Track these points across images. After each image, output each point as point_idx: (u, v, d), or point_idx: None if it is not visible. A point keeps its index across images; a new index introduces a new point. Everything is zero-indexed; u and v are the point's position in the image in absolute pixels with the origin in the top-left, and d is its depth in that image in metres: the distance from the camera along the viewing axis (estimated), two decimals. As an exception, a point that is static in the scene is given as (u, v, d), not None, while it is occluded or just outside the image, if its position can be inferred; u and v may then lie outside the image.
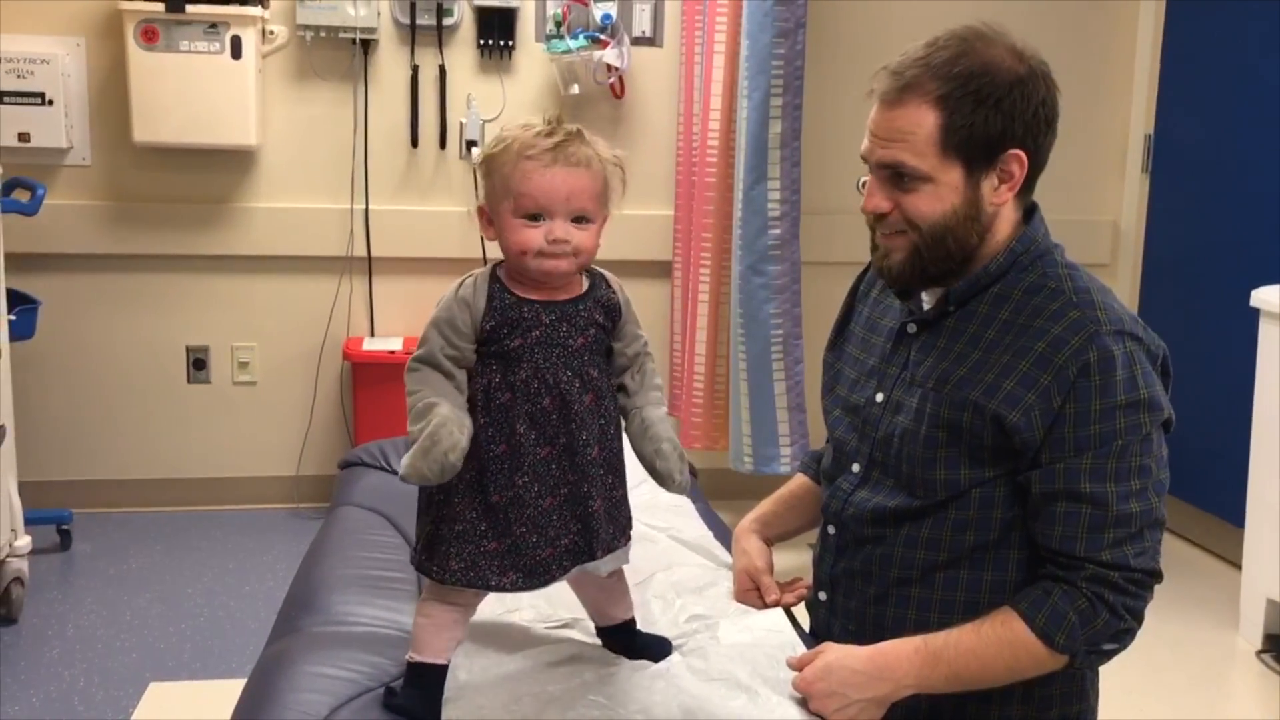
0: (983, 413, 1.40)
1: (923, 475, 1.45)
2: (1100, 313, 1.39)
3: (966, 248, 1.42)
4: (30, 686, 2.59)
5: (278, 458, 3.75)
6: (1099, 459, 1.36)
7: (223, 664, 2.73)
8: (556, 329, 1.29)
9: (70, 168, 3.52)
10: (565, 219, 1.27)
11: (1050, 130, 1.43)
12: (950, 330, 1.47)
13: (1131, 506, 1.36)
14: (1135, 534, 1.37)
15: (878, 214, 1.44)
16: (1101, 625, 1.36)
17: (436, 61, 3.62)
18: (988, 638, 1.38)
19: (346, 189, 3.64)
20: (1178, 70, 3.86)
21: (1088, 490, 1.36)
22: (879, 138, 1.41)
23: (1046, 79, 1.41)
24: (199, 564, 3.31)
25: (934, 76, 1.37)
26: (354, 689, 1.35)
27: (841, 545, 1.56)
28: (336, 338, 3.72)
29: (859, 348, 1.61)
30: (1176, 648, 2.98)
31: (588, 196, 1.28)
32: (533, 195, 1.26)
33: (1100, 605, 1.36)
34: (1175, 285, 3.86)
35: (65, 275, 3.55)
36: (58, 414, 3.63)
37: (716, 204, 3.44)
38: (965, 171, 1.39)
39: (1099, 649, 1.39)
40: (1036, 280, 1.43)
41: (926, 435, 1.44)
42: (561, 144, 1.27)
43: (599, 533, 1.31)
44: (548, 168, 1.26)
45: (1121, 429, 1.36)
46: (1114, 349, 1.36)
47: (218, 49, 3.36)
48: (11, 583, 2.88)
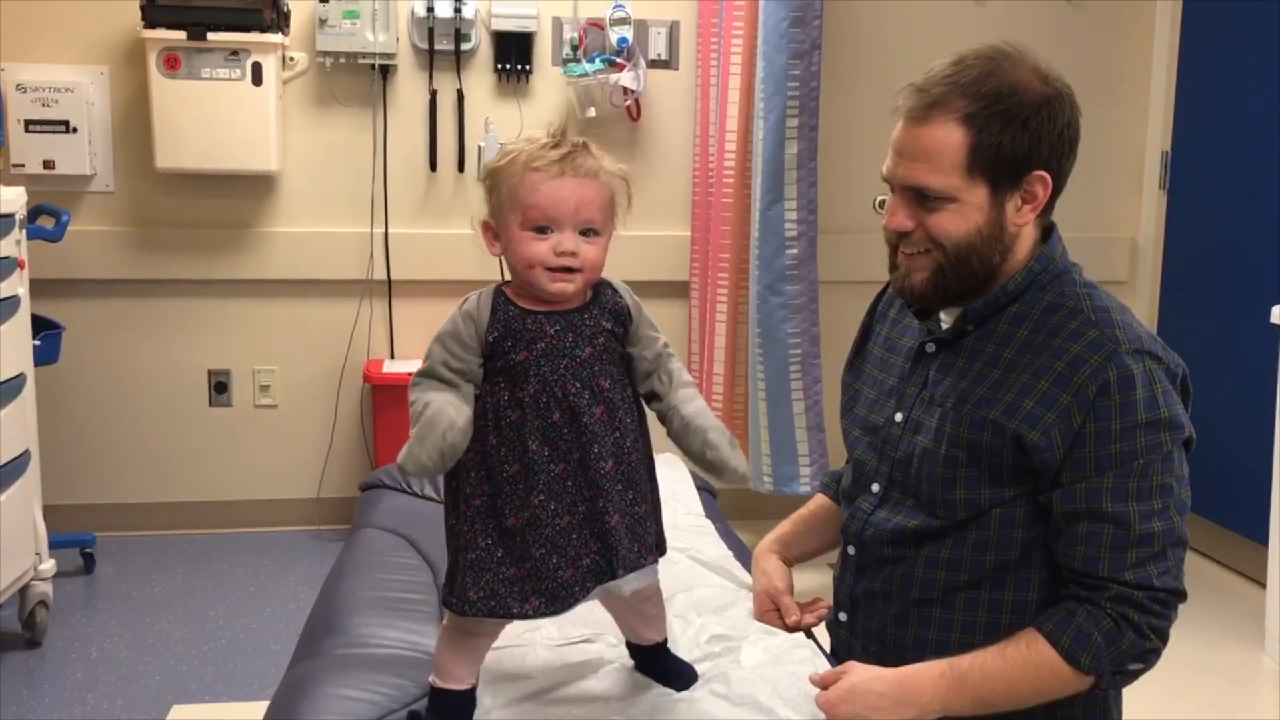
0: (1002, 432, 1.39)
1: (943, 495, 1.44)
2: (1119, 331, 1.39)
3: (990, 267, 1.42)
4: (54, 709, 2.61)
5: (299, 480, 3.77)
6: (1120, 478, 1.35)
7: (245, 687, 2.74)
8: (563, 339, 1.26)
9: (94, 194, 3.56)
10: (574, 230, 1.26)
11: (1072, 152, 1.43)
12: (969, 350, 1.46)
13: (1154, 526, 1.35)
14: (1159, 553, 1.36)
15: (900, 232, 1.43)
16: (1127, 645, 1.35)
17: (455, 86, 3.65)
18: (1013, 660, 1.37)
19: (366, 213, 3.67)
20: (1194, 87, 3.86)
21: (1110, 510, 1.35)
22: (904, 155, 1.40)
23: (1070, 101, 1.41)
24: (221, 587, 3.33)
25: (962, 94, 1.37)
26: (376, 711, 1.35)
27: (862, 566, 1.55)
28: (357, 360, 3.74)
29: (878, 368, 1.61)
30: (1201, 667, 2.95)
31: (596, 207, 1.27)
32: (541, 206, 1.25)
33: (1125, 625, 1.35)
34: (1194, 302, 3.84)
35: (89, 300, 3.59)
36: (81, 438, 3.66)
37: (733, 224, 3.46)
38: (990, 191, 1.39)
39: (1125, 669, 1.38)
40: (1054, 299, 1.43)
41: (946, 455, 1.44)
42: (569, 155, 1.25)
43: (619, 549, 1.25)
44: (555, 179, 1.24)
45: (1142, 448, 1.35)
46: (1133, 367, 1.36)
47: (239, 76, 3.40)
48: (36, 606, 2.90)
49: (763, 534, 1.81)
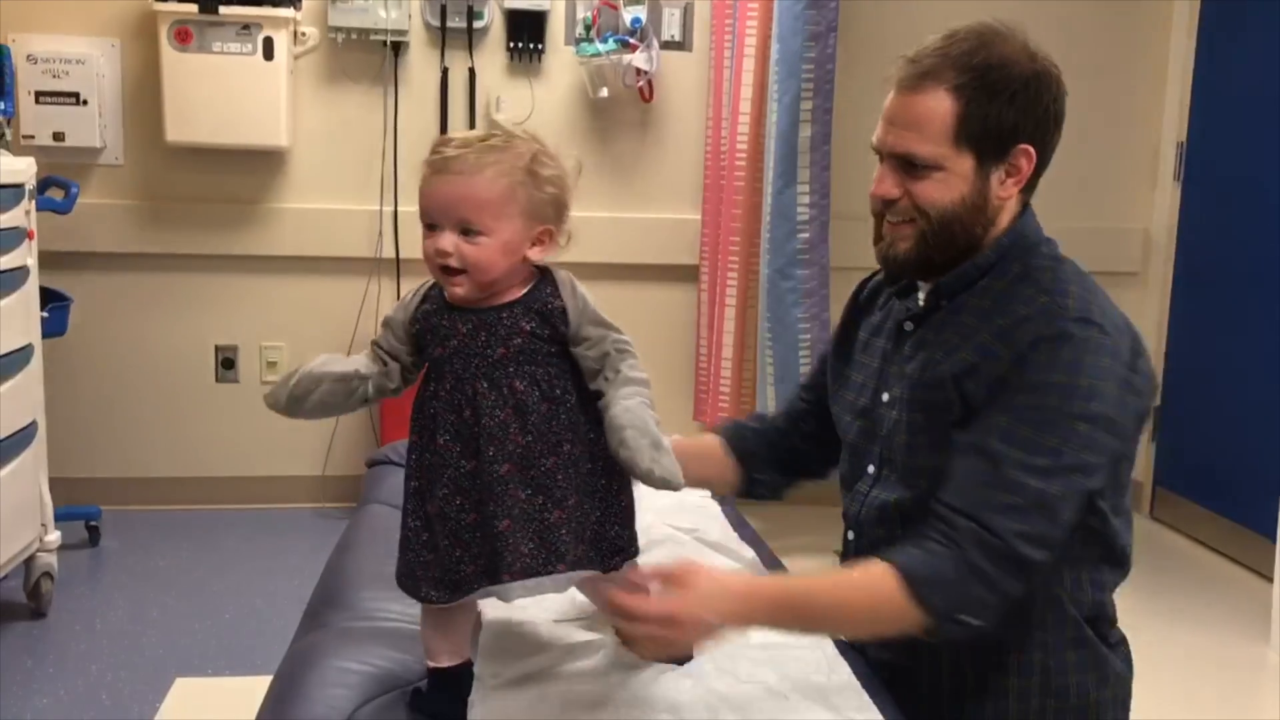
0: (945, 386, 1.41)
1: (910, 462, 1.46)
2: (1070, 300, 1.39)
3: (971, 237, 1.44)
4: (58, 680, 2.61)
5: (305, 457, 3.76)
6: (1016, 423, 1.34)
7: (248, 661, 2.74)
8: (475, 338, 1.23)
9: (103, 167, 3.55)
10: (452, 230, 1.21)
11: (1058, 130, 1.45)
12: (939, 323, 1.48)
13: (1030, 481, 1.31)
14: (1021, 509, 1.31)
15: (886, 200, 1.45)
16: (973, 596, 1.31)
17: (466, 64, 3.64)
18: (857, 590, 1.34)
19: (376, 190, 3.66)
20: (1211, 78, 3.83)
21: (993, 447, 1.34)
22: (894, 124, 1.43)
23: (1057, 80, 1.43)
24: (225, 562, 3.33)
25: (952, 66, 1.39)
26: (381, 685, 1.35)
27: (861, 550, 1.55)
28: (364, 338, 3.73)
29: (865, 353, 1.62)
30: (1207, 660, 2.95)
31: (472, 206, 1.20)
32: (423, 203, 1.23)
33: (973, 573, 1.31)
34: (1206, 295, 3.82)
35: (97, 273, 3.59)
36: (88, 411, 3.66)
37: (745, 208, 3.44)
38: (976, 162, 1.41)
39: (958, 618, 1.32)
40: (1020, 272, 1.45)
41: (909, 421, 1.46)
42: (461, 149, 1.21)
43: (504, 555, 1.20)
44: (435, 175, 1.22)
45: (1048, 405, 1.33)
46: (1071, 330, 1.36)
47: (250, 50, 3.39)
48: (41, 577, 2.91)
49: (769, 519, 1.81)
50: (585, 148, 3.74)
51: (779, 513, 2.88)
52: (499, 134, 1.24)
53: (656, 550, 1.81)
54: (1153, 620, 3.17)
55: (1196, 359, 3.78)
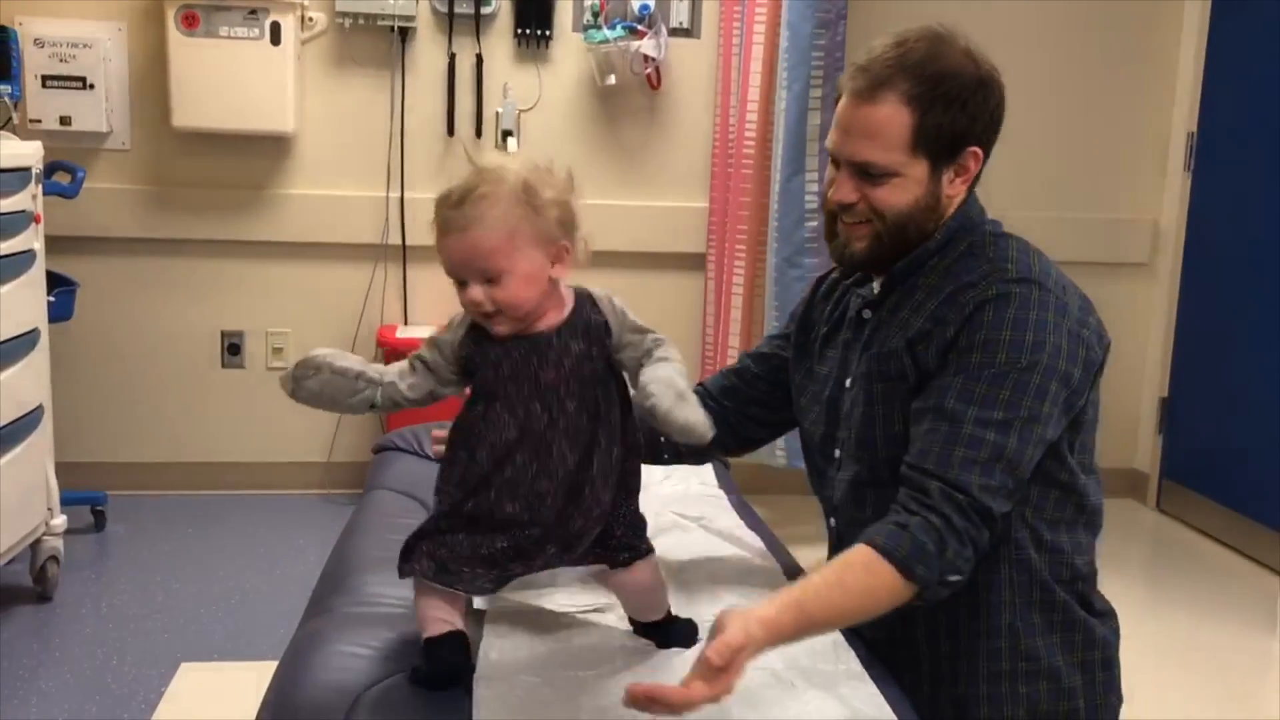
0: (899, 355, 1.47)
1: (864, 434, 1.51)
2: (1010, 263, 1.46)
3: (924, 234, 1.51)
4: (64, 664, 2.61)
5: (310, 444, 3.76)
6: (969, 381, 1.40)
7: (253, 646, 2.74)
8: (527, 363, 1.29)
9: (110, 151, 3.55)
10: (476, 281, 1.27)
11: (998, 129, 1.51)
12: (893, 305, 1.53)
13: (988, 435, 1.36)
14: (984, 462, 1.36)
15: (844, 204, 1.50)
16: (951, 554, 1.34)
17: (474, 50, 3.62)
18: (850, 582, 1.34)
19: (382, 177, 3.65)
20: (1222, 67, 3.81)
21: (950, 406, 1.39)
22: (850, 132, 1.47)
23: (999, 84, 1.49)
24: (231, 547, 3.33)
25: (907, 76, 1.44)
26: (386, 668, 1.35)
27: (840, 534, 1.59)
28: (370, 325, 3.73)
29: (828, 346, 1.65)
30: (1214, 653, 2.94)
31: (484, 255, 1.26)
32: (443, 263, 1.30)
33: (949, 532, 1.34)
34: (1216, 286, 3.80)
35: (103, 258, 3.58)
36: (94, 396, 3.66)
37: (753, 196, 3.43)
38: (930, 166, 1.47)
39: (946, 580, 1.35)
40: (966, 248, 1.51)
41: (864, 394, 1.51)
42: (457, 207, 1.26)
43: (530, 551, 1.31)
44: (444, 237, 1.28)
45: (1000, 361, 1.39)
46: (1014, 289, 1.42)
47: (257, 35, 3.38)
48: (47, 561, 2.91)
49: (777, 508, 1.82)
50: (592, 135, 3.73)
51: (784, 501, 2.88)
52: (487, 174, 1.28)
53: (663, 538, 1.80)
54: (1159, 613, 3.17)
55: (1205, 351, 3.77)
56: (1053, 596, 1.49)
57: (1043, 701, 1.48)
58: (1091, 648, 1.51)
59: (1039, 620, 1.48)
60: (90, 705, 2.44)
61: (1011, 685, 1.48)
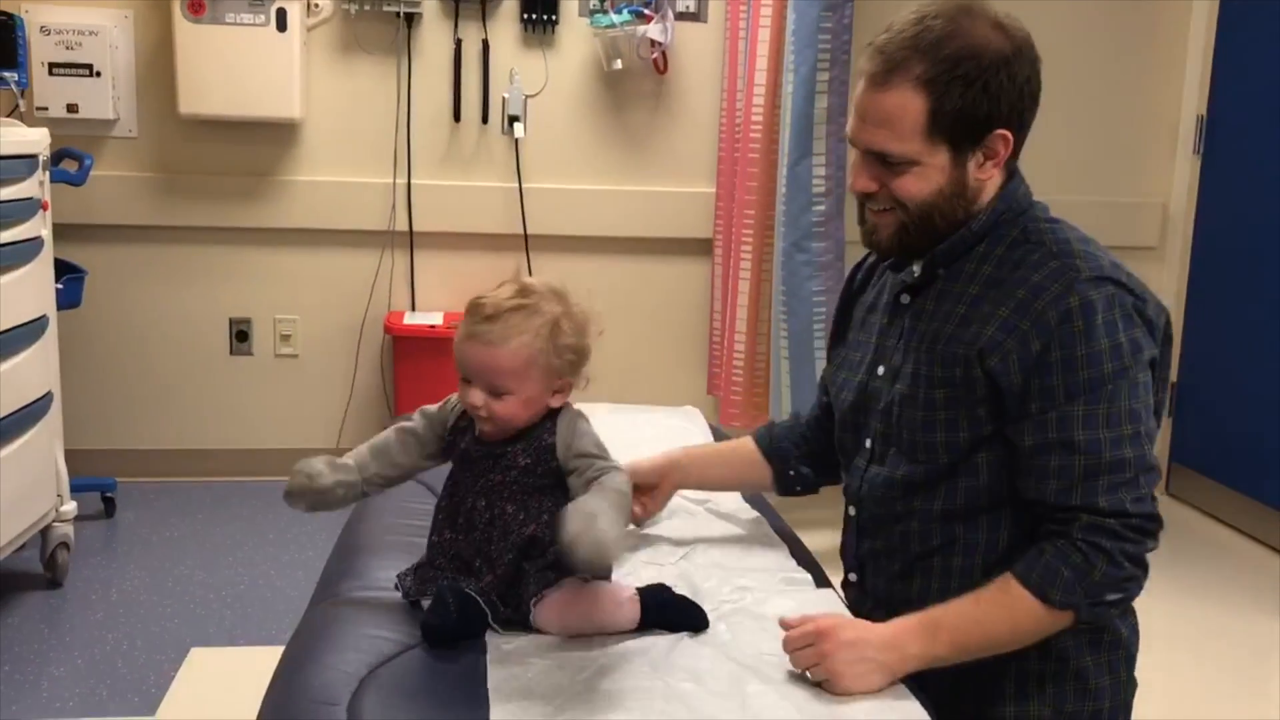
0: (970, 363, 1.41)
1: (923, 439, 1.45)
2: (1079, 260, 1.39)
3: (953, 223, 1.44)
4: (74, 649, 2.63)
5: (319, 430, 3.77)
6: (1090, 405, 1.35)
7: (262, 631, 2.75)
8: (480, 463, 1.43)
9: (117, 139, 3.55)
10: (482, 389, 1.39)
11: (1035, 104, 1.42)
12: (938, 292, 1.48)
13: (1126, 452, 1.35)
14: (1131, 480, 1.35)
15: (865, 193, 1.45)
16: (1100, 576, 1.34)
17: (480, 35, 3.62)
18: (986, 602, 1.37)
19: (389, 163, 3.65)
20: (1233, 49, 3.79)
21: (1082, 438, 1.35)
22: (866, 120, 1.41)
23: (1030, 54, 1.40)
24: (240, 533, 3.35)
25: (922, 58, 1.36)
26: (393, 648, 1.36)
27: (862, 526, 1.57)
28: (378, 311, 3.73)
29: (860, 331, 1.62)
30: (1222, 635, 2.94)
31: (497, 374, 1.38)
32: (457, 358, 1.40)
33: (1097, 555, 1.34)
34: (1225, 269, 3.78)
35: (111, 245, 3.59)
36: (103, 383, 3.67)
37: (759, 180, 3.42)
38: (952, 153, 1.40)
39: (1102, 600, 1.35)
40: (1018, 236, 1.44)
41: (925, 397, 1.45)
42: (490, 321, 1.37)
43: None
44: (465, 341, 1.39)
45: (1109, 373, 1.35)
46: (1093, 294, 1.36)
47: (263, 21, 3.37)
48: (57, 547, 2.92)
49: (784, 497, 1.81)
50: (599, 120, 3.72)
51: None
52: (528, 299, 1.39)
53: (668, 521, 1.81)
54: (1169, 596, 3.16)
55: (1215, 334, 3.75)
56: None
57: (1069, 702, 1.46)
58: (1117, 647, 1.49)
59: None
60: (101, 689, 2.46)
61: (1039, 685, 1.45)
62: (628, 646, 1.38)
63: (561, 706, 1.24)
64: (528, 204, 3.66)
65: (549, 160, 3.70)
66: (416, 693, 1.28)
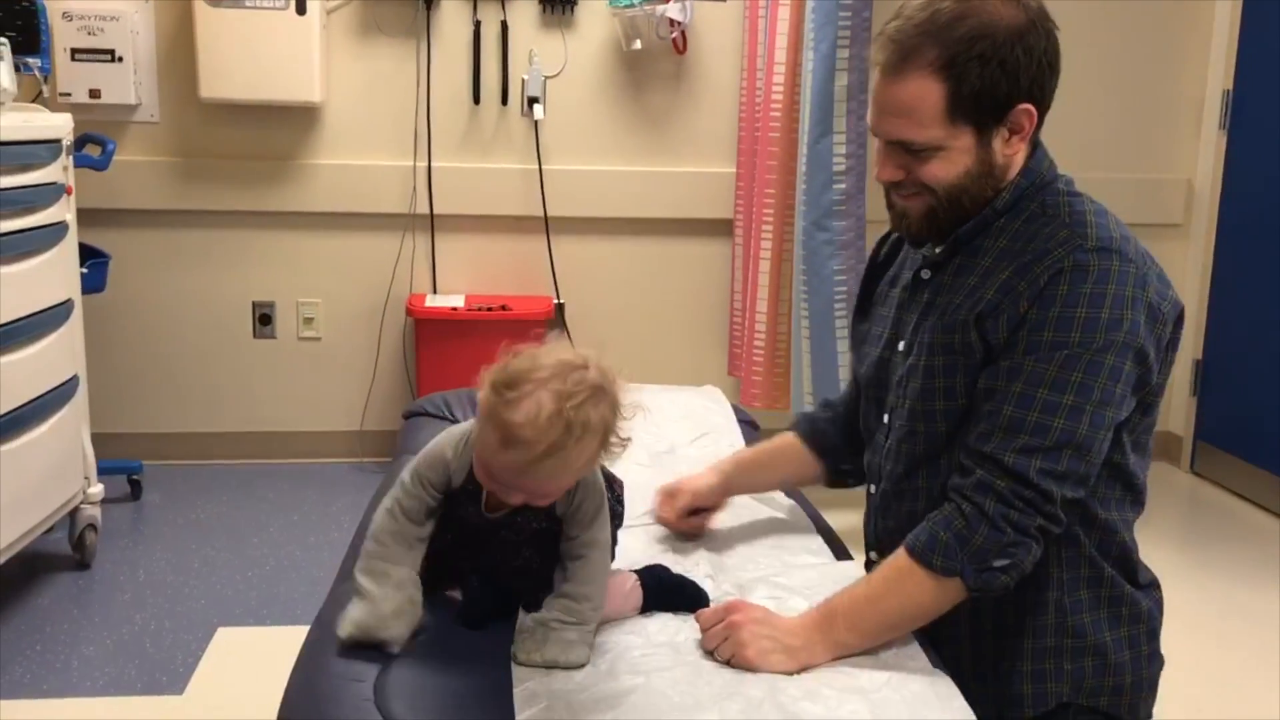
0: (967, 328, 1.40)
1: (922, 406, 1.45)
2: (1089, 229, 1.38)
3: (982, 201, 1.43)
4: (104, 629, 2.66)
5: (342, 412, 3.79)
6: (1040, 363, 1.33)
7: (288, 611, 2.78)
8: (496, 531, 1.37)
9: (139, 124, 3.57)
10: (522, 494, 1.29)
11: (1055, 74, 1.40)
12: (957, 267, 1.47)
13: (1056, 421, 1.32)
14: (1049, 449, 1.32)
15: (892, 181, 1.44)
16: (981, 541, 1.32)
17: (499, 17, 3.61)
18: (876, 581, 1.37)
19: (409, 146, 3.65)
20: (1259, 24, 3.74)
21: (1018, 390, 1.34)
22: (885, 110, 1.39)
23: (1045, 23, 1.38)
24: (265, 515, 3.37)
25: (935, 42, 1.34)
26: (416, 631, 1.36)
27: (880, 503, 1.57)
28: (400, 294, 3.74)
29: (883, 305, 1.62)
30: (1249, 615, 2.92)
31: (546, 492, 1.30)
32: (493, 471, 1.28)
33: (979, 520, 1.32)
34: (1251, 247, 3.75)
35: (134, 230, 3.61)
36: (128, 367, 3.70)
37: (780, 159, 3.40)
38: (976, 133, 1.38)
39: (989, 566, 1.33)
40: (1035, 209, 1.43)
41: (926, 365, 1.45)
42: (543, 457, 1.23)
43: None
44: (518, 475, 1.26)
45: (1074, 340, 1.33)
46: (1090, 261, 1.35)
47: (283, 5, 3.38)
48: (85, 529, 2.96)
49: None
50: (619, 101, 3.71)
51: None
52: (573, 425, 1.23)
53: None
54: (1193, 574, 3.15)
55: (1240, 312, 3.72)
56: (1100, 573, 1.45)
57: (1088, 677, 1.44)
58: (1137, 621, 1.48)
59: (1086, 596, 1.44)
60: (130, 669, 2.49)
61: (1057, 662, 1.44)
62: (650, 630, 1.38)
63: (583, 684, 1.25)
64: (547, 185, 3.65)
65: (568, 142, 3.70)
66: (442, 669, 1.29)
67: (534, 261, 3.70)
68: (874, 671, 1.32)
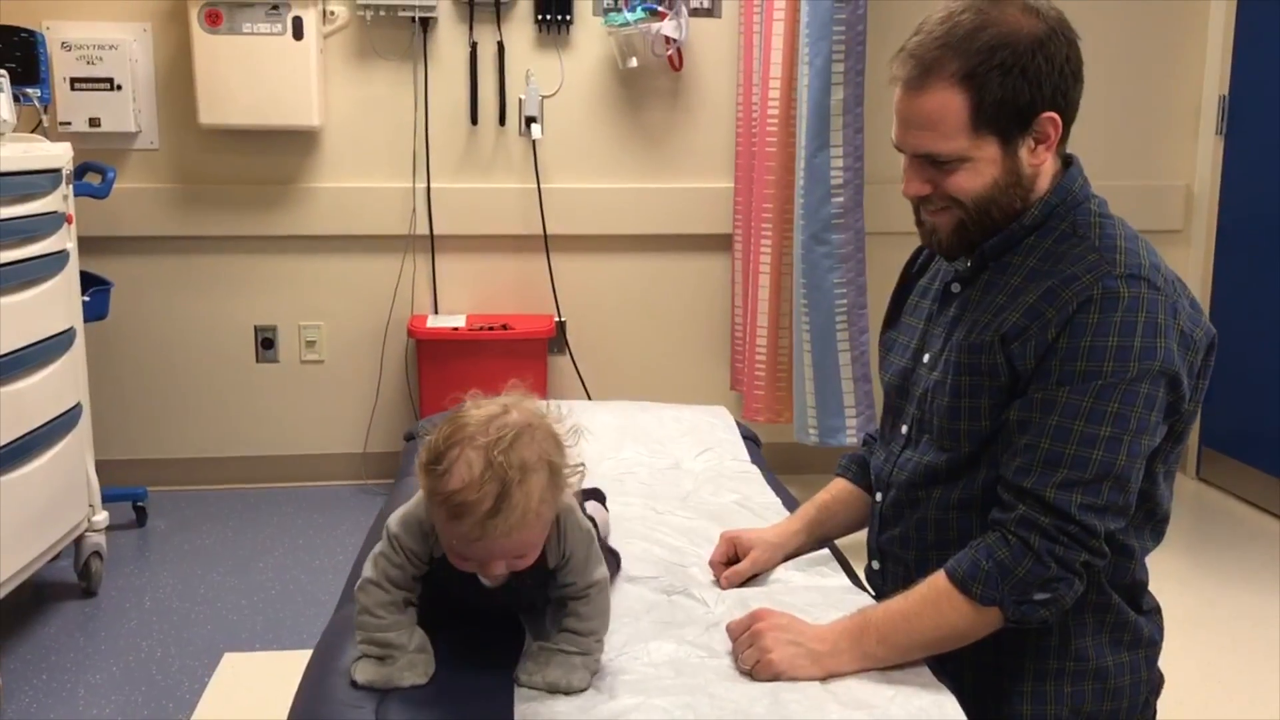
0: (993, 350, 1.39)
1: (949, 425, 1.44)
2: (1119, 255, 1.37)
3: (1011, 212, 1.42)
4: (110, 656, 2.66)
5: (345, 435, 3.80)
6: (1075, 394, 1.32)
7: (294, 635, 2.77)
8: (496, 593, 1.35)
9: (139, 151, 3.58)
10: (504, 561, 1.28)
11: (1078, 81, 1.40)
12: (985, 283, 1.46)
13: (1093, 453, 1.31)
14: (1090, 482, 1.32)
15: (919, 197, 1.44)
16: (1024, 573, 1.32)
17: (495, 38, 3.63)
18: (915, 599, 1.36)
19: (408, 167, 3.67)
20: (1254, 29, 3.75)
21: (1054, 423, 1.33)
22: (909, 125, 1.39)
23: (1065, 32, 1.38)
24: (270, 539, 3.37)
25: (956, 54, 1.34)
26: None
27: (886, 513, 1.56)
28: (401, 315, 3.75)
29: (912, 315, 1.61)
30: (1254, 620, 2.91)
31: (522, 549, 1.27)
32: (461, 554, 1.27)
33: (1024, 552, 1.32)
34: (1250, 252, 3.74)
35: (136, 257, 3.62)
36: (131, 394, 3.71)
37: (777, 173, 3.41)
38: (1001, 144, 1.38)
39: (1029, 599, 1.32)
40: (1066, 229, 1.42)
41: (951, 384, 1.44)
42: (490, 516, 1.20)
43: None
44: (474, 544, 1.24)
45: (1107, 371, 1.32)
46: (1121, 289, 1.33)
47: (280, 30, 3.40)
48: (91, 557, 2.96)
49: (808, 486, 1.82)
50: (616, 118, 3.72)
51: (817, 481, 2.87)
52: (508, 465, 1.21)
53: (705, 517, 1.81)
54: (1198, 578, 3.14)
55: (1241, 316, 3.71)
56: (1107, 599, 1.44)
57: (1088, 701, 1.44)
58: (1138, 647, 1.47)
59: (1090, 620, 1.44)
60: (136, 696, 2.48)
61: (1057, 684, 1.43)
62: (640, 623, 1.39)
63: (583, 706, 1.25)
64: (547, 204, 3.67)
65: (567, 160, 3.71)
66: (445, 694, 1.29)
67: (535, 280, 3.71)
68: (880, 686, 1.31)
